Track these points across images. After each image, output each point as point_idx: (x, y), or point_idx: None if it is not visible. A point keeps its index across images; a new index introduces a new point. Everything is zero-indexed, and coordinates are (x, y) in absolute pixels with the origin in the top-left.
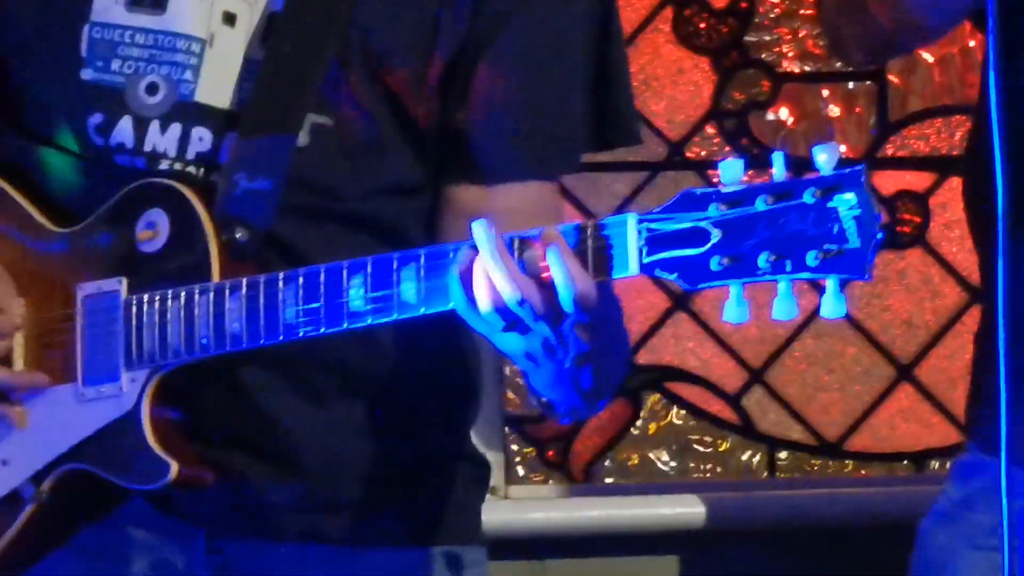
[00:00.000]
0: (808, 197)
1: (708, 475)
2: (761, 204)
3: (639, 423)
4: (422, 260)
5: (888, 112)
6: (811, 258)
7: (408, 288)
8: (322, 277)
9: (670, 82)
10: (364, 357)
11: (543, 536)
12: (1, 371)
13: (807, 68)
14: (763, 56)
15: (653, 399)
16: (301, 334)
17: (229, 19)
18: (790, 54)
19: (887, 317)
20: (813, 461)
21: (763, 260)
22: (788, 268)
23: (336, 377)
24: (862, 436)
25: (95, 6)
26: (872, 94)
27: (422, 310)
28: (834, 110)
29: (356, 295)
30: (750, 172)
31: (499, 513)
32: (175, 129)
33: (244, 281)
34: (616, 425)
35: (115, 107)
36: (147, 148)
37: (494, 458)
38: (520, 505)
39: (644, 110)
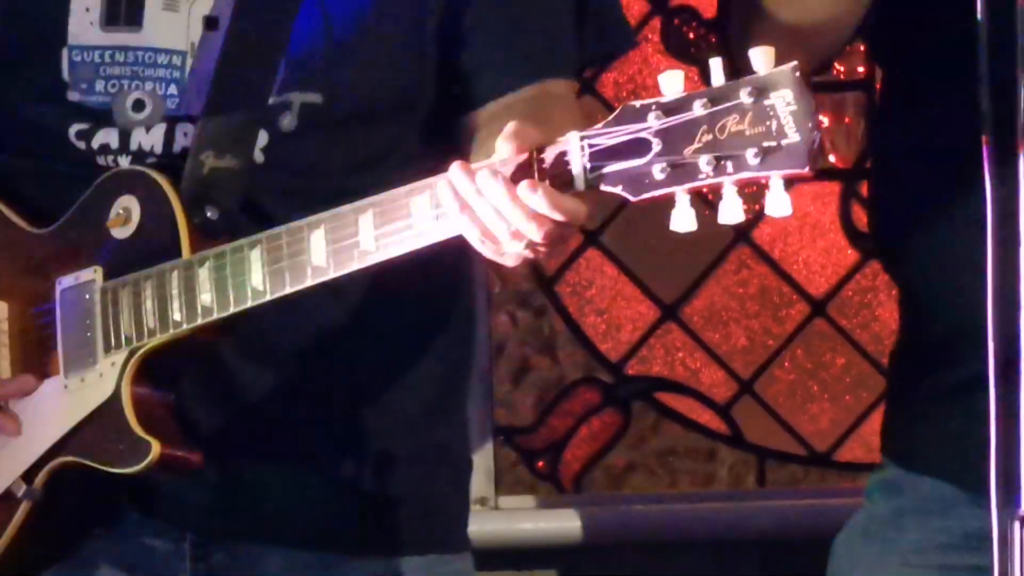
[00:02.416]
0: (744, 97)
1: (698, 486)
2: (699, 109)
3: (629, 433)
4: (380, 207)
5: None
6: (751, 156)
7: (367, 236)
8: (284, 237)
9: (659, 92)
10: (341, 345)
11: (533, 547)
12: None
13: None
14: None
15: (643, 409)
16: (267, 297)
17: (211, 23)
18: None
19: (876, 327)
20: (802, 472)
21: (704, 163)
22: (730, 169)
23: (315, 369)
24: (852, 447)
25: (71, 29)
26: (861, 104)
27: (381, 257)
28: (823, 120)
29: (318, 249)
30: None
31: (488, 523)
32: (160, 128)
33: (212, 252)
34: (606, 435)
35: (102, 125)
36: (132, 147)
37: (484, 468)
38: (509, 515)
39: None
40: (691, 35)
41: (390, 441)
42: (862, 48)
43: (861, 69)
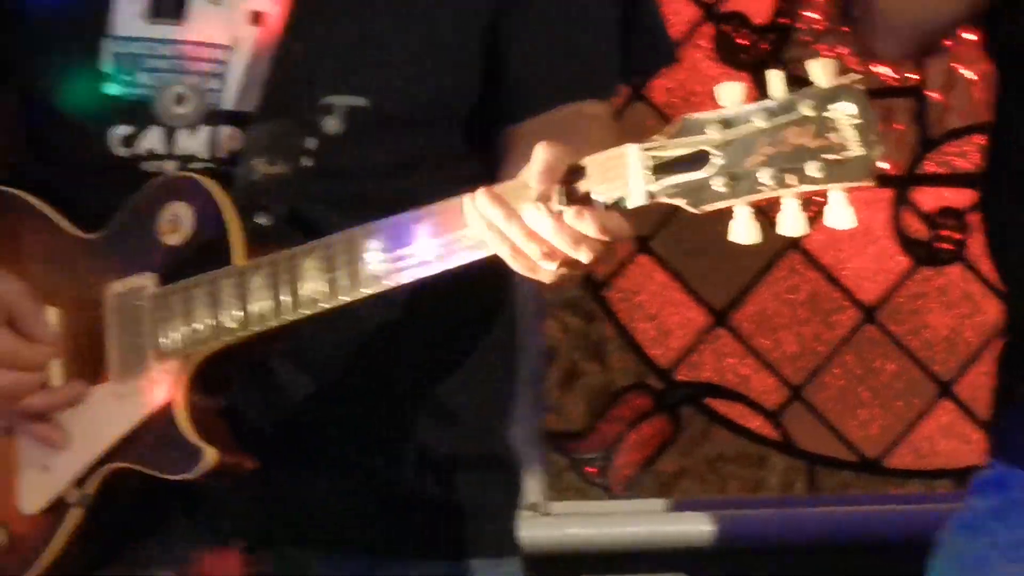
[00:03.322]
0: (806, 109)
1: (747, 492)
2: (760, 121)
3: (679, 439)
4: (436, 217)
5: (928, 128)
6: (813, 169)
7: (424, 245)
8: (339, 245)
9: (709, 98)
10: (392, 352)
11: (583, 552)
12: (41, 396)
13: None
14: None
15: (693, 415)
16: (324, 305)
17: (256, 19)
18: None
19: (927, 334)
20: (853, 478)
21: (767, 176)
22: (792, 182)
23: (362, 375)
24: (902, 453)
25: (115, 20)
26: (912, 110)
27: (440, 267)
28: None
29: (374, 258)
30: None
31: (539, 529)
32: (204, 130)
33: (266, 259)
34: (656, 441)
35: (143, 119)
36: (177, 152)
37: (534, 475)
38: (560, 521)
39: None
40: (741, 41)
41: (439, 446)
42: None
43: (912, 75)
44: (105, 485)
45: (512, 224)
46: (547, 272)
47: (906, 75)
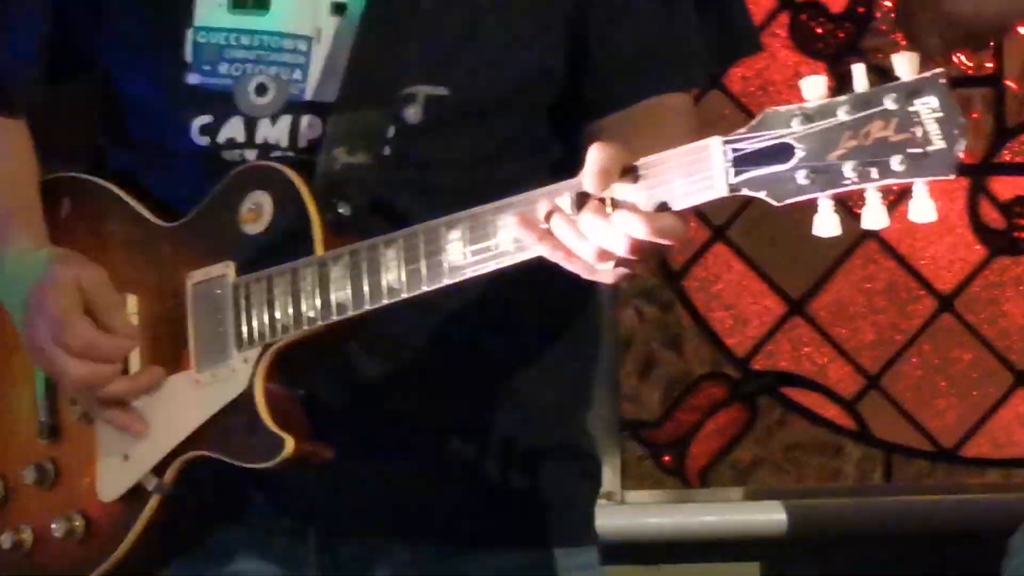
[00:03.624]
0: (890, 103)
1: (824, 481)
2: (843, 115)
3: (755, 428)
4: (516, 207)
5: (1005, 117)
6: (896, 163)
7: (506, 237)
8: (421, 236)
9: (786, 87)
10: (472, 341)
11: (658, 541)
12: (121, 382)
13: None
14: (880, 61)
15: (769, 404)
16: (404, 295)
17: (338, 9)
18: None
19: (1004, 323)
20: (929, 467)
21: (849, 170)
22: (875, 175)
23: (441, 364)
24: (979, 442)
25: (198, 10)
26: (989, 99)
27: (520, 257)
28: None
29: (455, 249)
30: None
31: (615, 518)
32: (285, 120)
33: (346, 249)
34: (732, 430)
35: (224, 109)
36: (258, 140)
37: (610, 463)
38: (635, 510)
39: None
40: (818, 30)
41: (519, 436)
42: (991, 44)
43: (989, 64)
44: (183, 473)
45: (563, 226)
46: (605, 273)
47: (983, 64)
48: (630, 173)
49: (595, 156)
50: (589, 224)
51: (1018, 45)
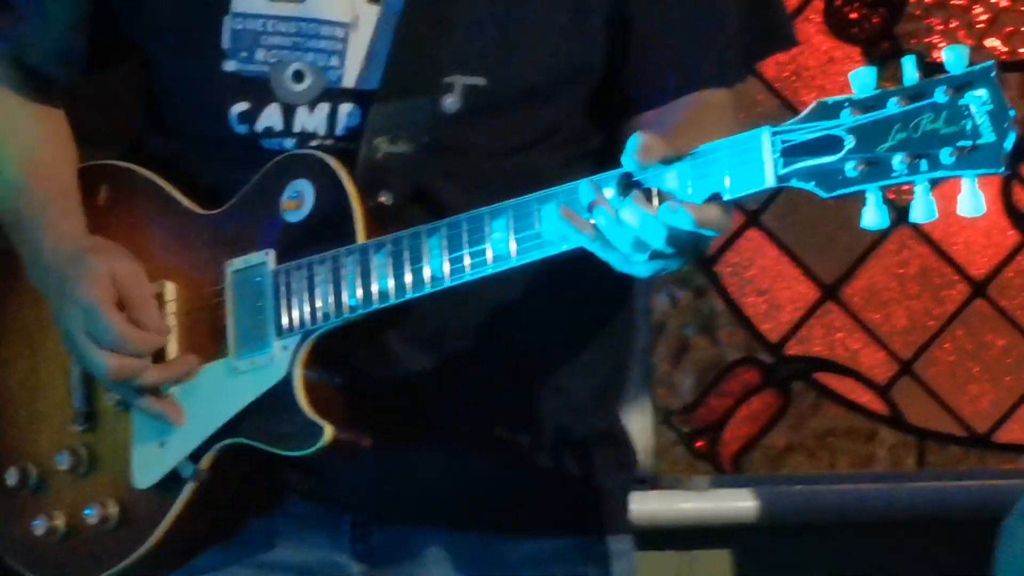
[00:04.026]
0: (940, 96)
1: (857, 466)
2: (893, 107)
3: (788, 414)
4: (560, 197)
5: None
6: (946, 156)
7: (549, 226)
8: (464, 225)
9: (820, 72)
10: (510, 331)
11: (692, 526)
12: (155, 370)
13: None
14: (914, 46)
15: (802, 390)
16: (447, 283)
17: None
18: (941, 44)
19: None
20: (962, 453)
21: (898, 162)
22: (924, 168)
23: (478, 353)
24: (1012, 428)
25: None
26: (1023, 85)
27: (563, 246)
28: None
29: (499, 239)
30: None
31: (648, 503)
32: (323, 108)
33: (389, 238)
34: (765, 416)
35: (261, 96)
36: (296, 129)
37: (644, 448)
38: (669, 496)
39: (794, 100)
40: (853, 15)
41: (554, 424)
42: None
43: (1023, 50)
44: (220, 461)
45: (605, 215)
46: (640, 266)
47: (1017, 49)
48: (674, 164)
49: (637, 138)
50: (632, 214)
51: None
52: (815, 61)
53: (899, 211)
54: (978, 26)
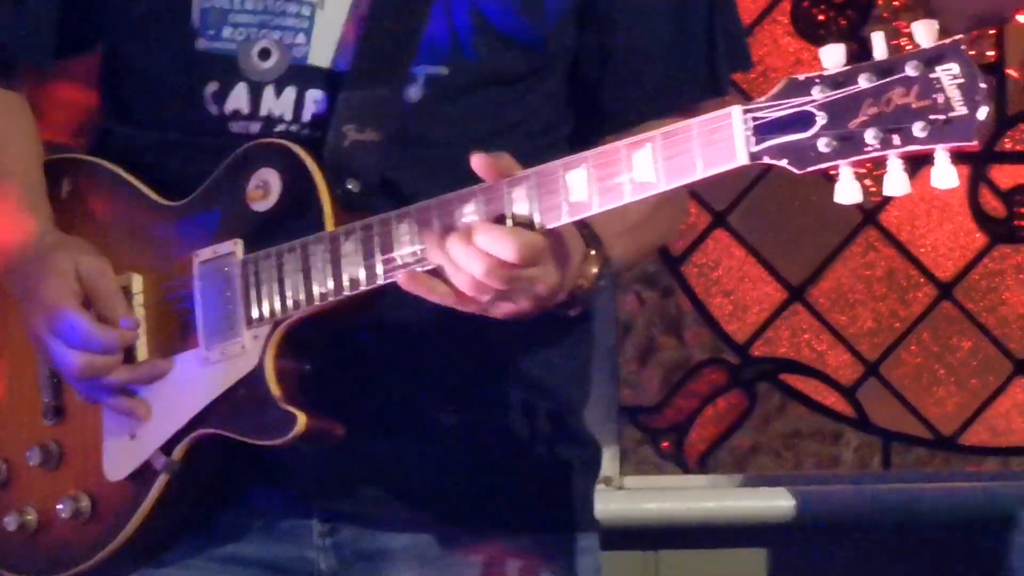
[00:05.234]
0: (911, 70)
1: (822, 468)
2: (864, 82)
3: (754, 415)
4: (534, 180)
5: (1006, 106)
6: (919, 129)
7: (521, 207)
8: (434, 211)
9: (788, 73)
10: (477, 324)
11: (657, 526)
12: (123, 370)
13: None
14: None
15: (768, 390)
16: (418, 270)
17: None
18: (908, 47)
19: (1004, 311)
20: (928, 455)
21: (871, 136)
22: (897, 142)
23: (447, 347)
24: (977, 430)
25: None
26: (990, 88)
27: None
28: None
29: (468, 220)
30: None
31: (613, 503)
32: (290, 92)
33: (358, 224)
34: (731, 416)
35: (229, 74)
36: (263, 113)
37: (609, 448)
38: (634, 495)
39: None
40: (820, 17)
41: (520, 421)
42: (992, 32)
43: (991, 53)
44: (192, 451)
45: (436, 254)
46: (495, 307)
47: (985, 53)
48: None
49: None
50: (453, 246)
51: (1019, 34)
52: (783, 62)
53: (867, 212)
54: None
